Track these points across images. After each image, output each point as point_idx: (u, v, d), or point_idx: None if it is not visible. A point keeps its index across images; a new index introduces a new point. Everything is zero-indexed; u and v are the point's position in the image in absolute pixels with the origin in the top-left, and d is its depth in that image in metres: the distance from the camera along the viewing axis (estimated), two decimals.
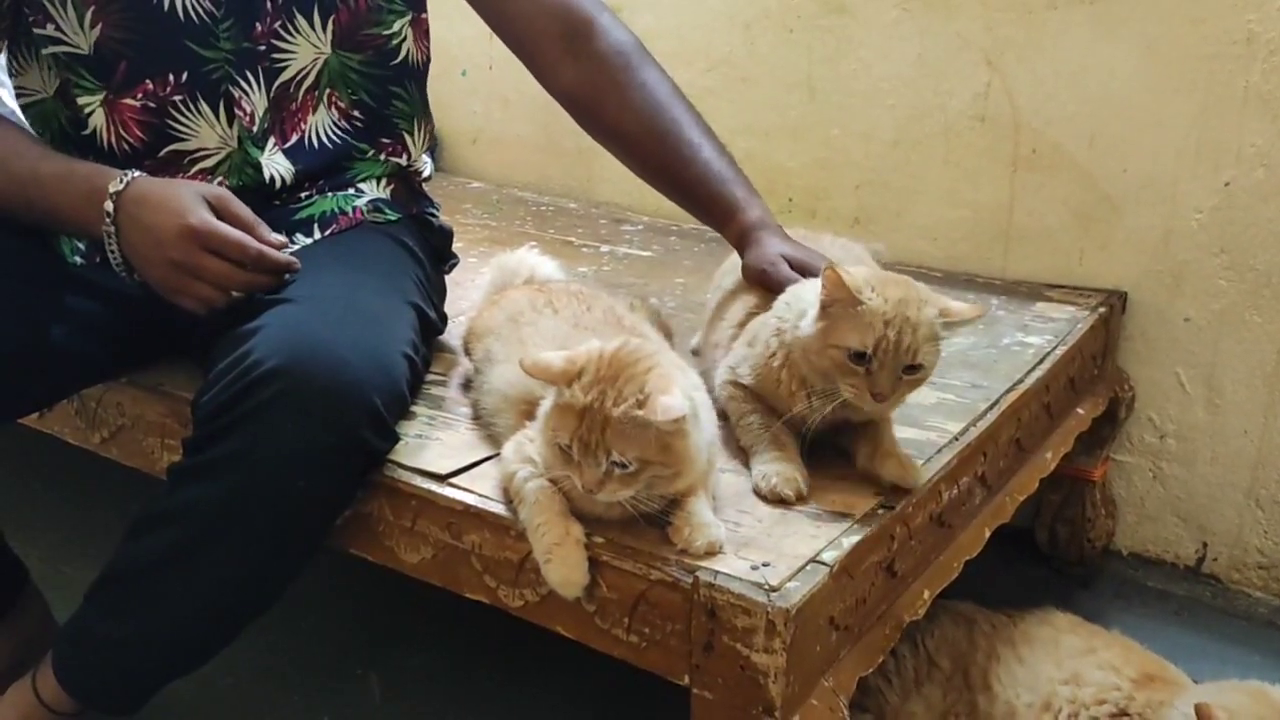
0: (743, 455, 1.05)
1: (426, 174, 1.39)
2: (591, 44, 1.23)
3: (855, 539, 0.92)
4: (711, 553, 0.88)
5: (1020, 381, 1.29)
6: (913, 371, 0.96)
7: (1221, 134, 1.52)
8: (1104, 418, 1.59)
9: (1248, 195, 1.52)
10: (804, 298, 1.03)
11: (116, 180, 1.07)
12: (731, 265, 1.25)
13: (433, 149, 2.20)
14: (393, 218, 1.28)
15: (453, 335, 1.32)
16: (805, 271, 1.11)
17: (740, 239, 1.19)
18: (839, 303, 0.96)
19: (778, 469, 0.99)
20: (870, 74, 1.77)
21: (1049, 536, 1.71)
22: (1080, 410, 1.48)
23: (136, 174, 1.08)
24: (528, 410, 0.99)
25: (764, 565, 0.87)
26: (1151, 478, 1.69)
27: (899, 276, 1.01)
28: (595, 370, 0.89)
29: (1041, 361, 1.36)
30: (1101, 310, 1.55)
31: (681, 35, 1.92)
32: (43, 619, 1.30)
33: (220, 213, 1.06)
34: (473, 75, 2.18)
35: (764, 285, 1.13)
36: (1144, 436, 1.67)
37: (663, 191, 1.27)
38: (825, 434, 1.04)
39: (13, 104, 1.27)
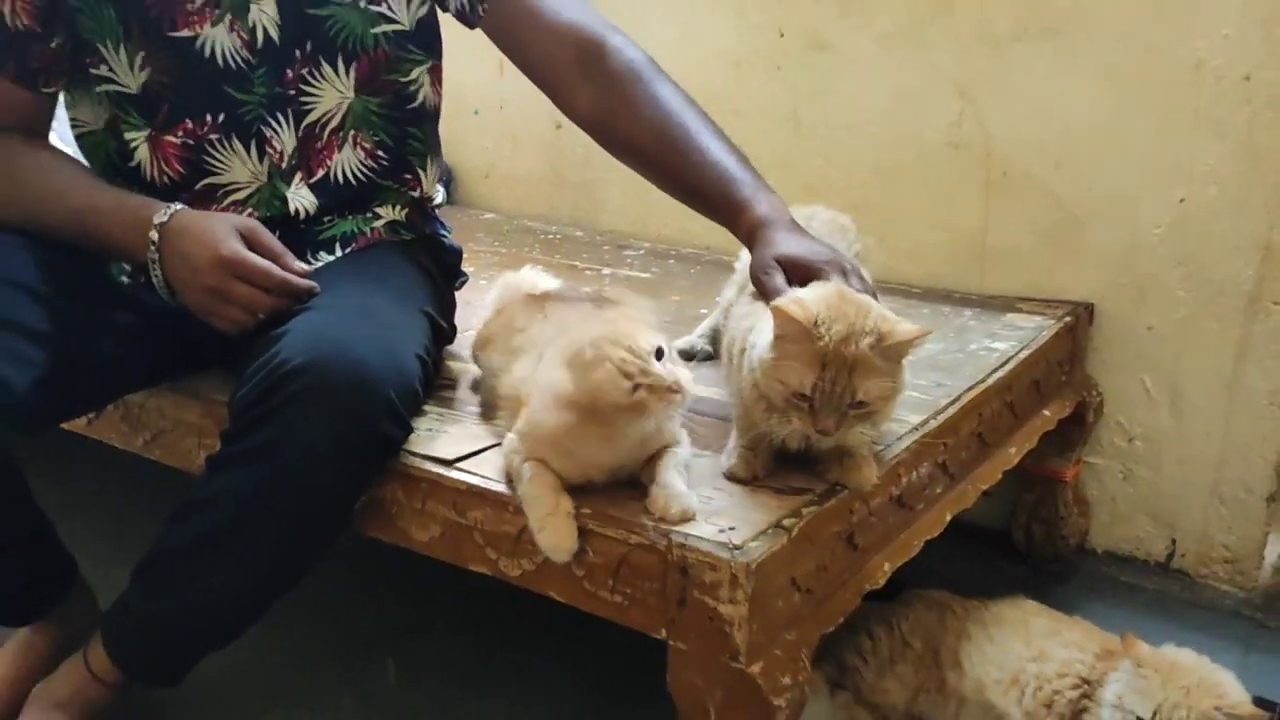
0: None
1: (438, 201, 1.52)
2: (604, 65, 1.29)
3: (814, 510, 1.04)
4: (685, 519, 0.99)
5: (982, 381, 1.40)
6: (859, 407, 1.00)
7: (1176, 155, 1.63)
8: (1073, 421, 1.69)
9: (1202, 211, 1.63)
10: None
11: (161, 212, 1.20)
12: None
13: (446, 182, 2.33)
14: (407, 238, 1.40)
15: (463, 347, 1.44)
16: (802, 273, 1.12)
17: (748, 237, 1.20)
18: (788, 338, 1.00)
19: (739, 454, 1.09)
20: (852, 106, 1.90)
21: (1025, 536, 1.81)
22: (1046, 412, 1.59)
23: (178, 207, 1.21)
24: (519, 406, 1.10)
25: (730, 529, 0.98)
26: (1122, 479, 1.78)
27: (850, 300, 1.02)
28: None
29: (1005, 364, 1.46)
30: (1067, 319, 1.66)
31: (677, 72, 2.01)
32: (90, 609, 1.41)
33: (251, 243, 1.19)
34: (485, 115, 2.32)
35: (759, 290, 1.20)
36: (1113, 440, 1.78)
37: (680, 199, 1.29)
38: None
39: (61, 143, 1.41)
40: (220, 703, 1.45)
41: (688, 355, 1.43)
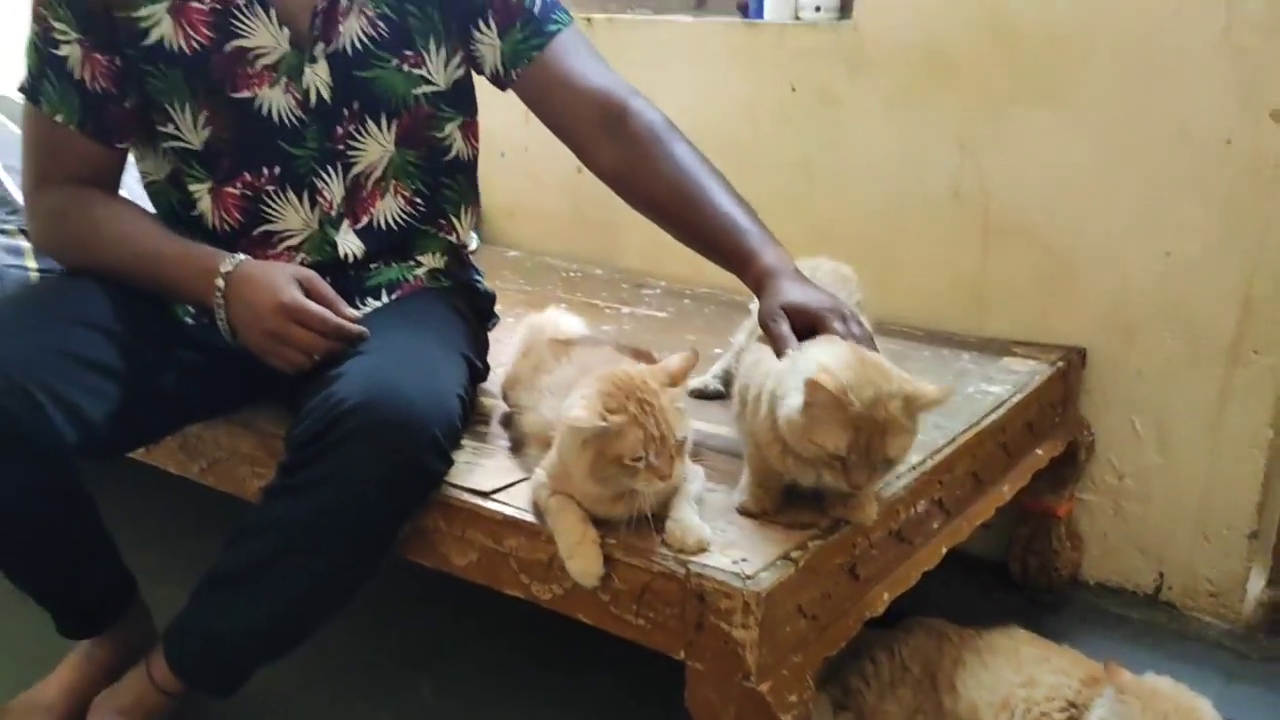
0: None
1: (473, 247, 1.63)
2: (626, 126, 1.39)
3: (819, 543, 1.14)
4: (701, 549, 1.10)
5: (976, 424, 1.50)
6: (887, 464, 1.10)
7: (1162, 211, 1.73)
8: (1066, 459, 1.79)
9: (1186, 265, 1.73)
10: (800, 369, 1.11)
11: (226, 262, 1.31)
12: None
13: (477, 225, 2.44)
14: (446, 284, 1.52)
15: (493, 383, 1.54)
16: (805, 319, 1.21)
17: (756, 285, 1.29)
18: (819, 404, 1.06)
19: (751, 491, 1.20)
20: (859, 157, 2.01)
21: (1021, 567, 1.90)
22: (1039, 451, 1.69)
23: (242, 257, 1.32)
24: (547, 442, 1.22)
25: (743, 560, 1.09)
26: (1113, 514, 1.88)
27: (874, 366, 1.09)
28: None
29: (999, 407, 1.57)
30: (1059, 364, 1.76)
31: (696, 122, 2.12)
32: (146, 625, 1.51)
33: (308, 291, 1.30)
34: (511, 157, 2.44)
35: (767, 337, 1.28)
36: (1105, 477, 1.87)
37: (694, 248, 1.38)
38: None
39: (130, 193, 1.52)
40: (263, 716, 1.55)
41: (701, 394, 1.54)
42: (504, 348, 1.62)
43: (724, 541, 1.13)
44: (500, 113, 1.57)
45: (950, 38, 1.86)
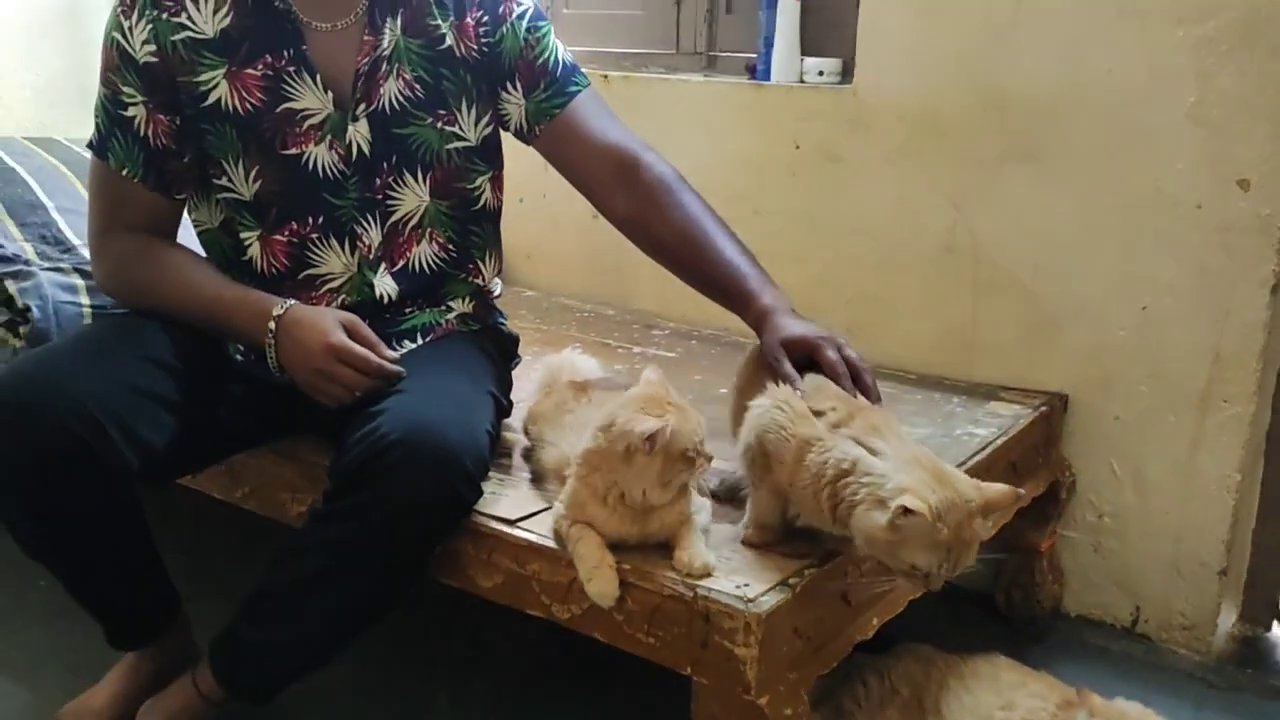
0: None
1: (498, 293, 1.75)
2: (639, 177, 1.52)
3: (814, 571, 1.26)
4: (706, 574, 1.22)
5: (962, 465, 1.62)
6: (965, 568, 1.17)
7: (1139, 268, 1.85)
8: (1048, 498, 1.91)
9: (1161, 318, 1.85)
10: (874, 470, 1.16)
11: (278, 306, 1.43)
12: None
13: (500, 270, 2.57)
14: (474, 328, 1.64)
15: (516, 418, 1.66)
16: (803, 349, 1.34)
17: (756, 323, 1.41)
18: (910, 528, 1.11)
19: (754, 526, 1.32)
20: (859, 211, 2.13)
21: (1006, 599, 2.01)
22: (1022, 490, 1.79)
23: (292, 302, 1.44)
24: (564, 476, 1.34)
25: (745, 585, 1.21)
26: (1093, 551, 1.99)
27: (950, 481, 1.15)
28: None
29: (984, 448, 1.69)
30: (1043, 408, 1.88)
31: (707, 176, 2.24)
32: (187, 639, 1.61)
33: (352, 334, 1.41)
34: (529, 202, 2.55)
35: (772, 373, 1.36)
36: (1085, 516, 1.99)
37: (699, 290, 1.50)
38: None
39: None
40: None
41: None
42: (523, 385, 1.74)
43: (728, 568, 1.25)
44: (520, 161, 1.69)
45: (944, 102, 2.00)
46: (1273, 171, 1.72)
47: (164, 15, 1.43)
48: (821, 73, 2.18)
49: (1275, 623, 1.98)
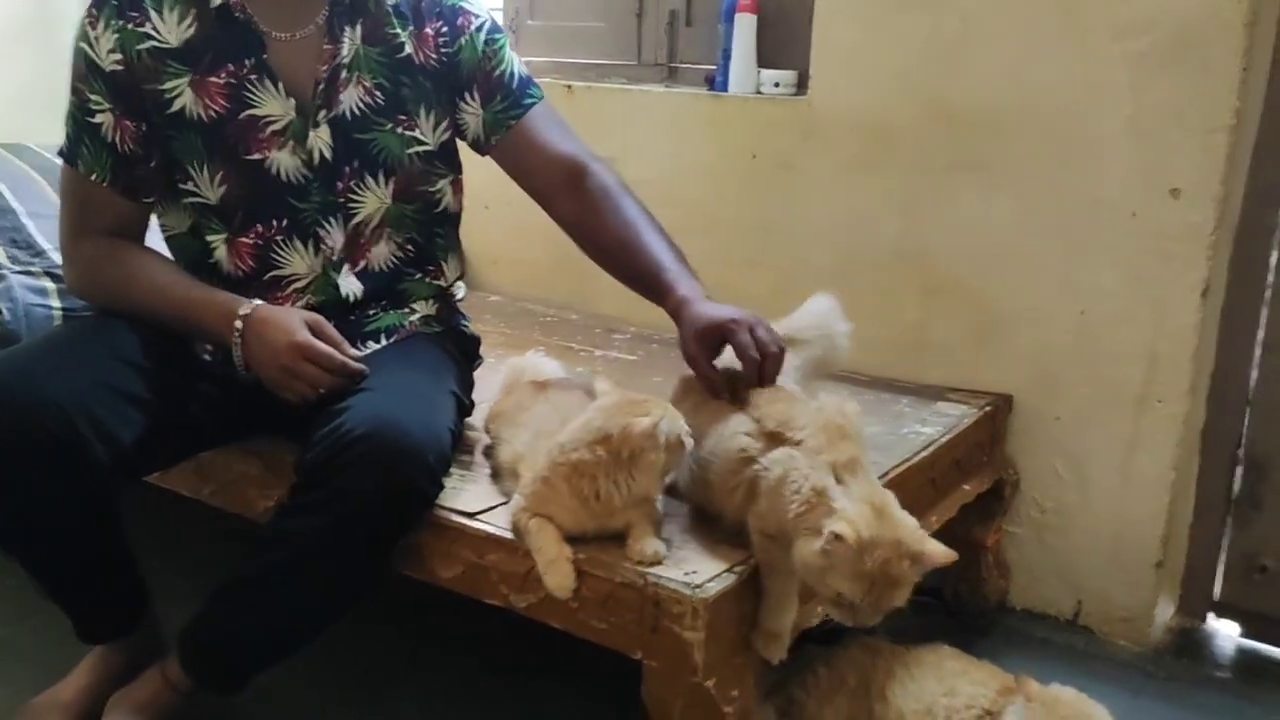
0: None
1: (460, 295, 1.80)
2: (584, 184, 1.58)
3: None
4: (656, 562, 1.28)
5: (907, 460, 1.68)
6: (892, 611, 1.19)
7: (1078, 274, 1.93)
8: (993, 495, 1.98)
9: (1099, 322, 1.93)
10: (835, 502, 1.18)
11: (245, 306, 1.47)
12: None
13: (463, 274, 2.62)
14: (437, 329, 1.69)
15: (477, 417, 1.71)
16: (719, 333, 1.38)
17: (674, 314, 1.46)
18: (837, 553, 1.15)
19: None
20: (813, 218, 2.20)
21: (953, 594, 2.08)
22: (966, 486, 1.87)
23: (258, 302, 1.48)
24: (522, 472, 1.40)
25: (693, 572, 1.27)
26: (1036, 546, 2.07)
27: (891, 522, 1.18)
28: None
29: (928, 447, 1.76)
30: (987, 408, 1.95)
31: (665, 184, 2.34)
32: (157, 633, 1.64)
33: (316, 333, 1.46)
34: (494, 209, 2.58)
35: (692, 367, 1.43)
36: (1029, 512, 2.06)
37: (627, 285, 1.57)
38: None
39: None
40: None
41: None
42: (487, 385, 1.78)
43: (678, 556, 1.31)
44: (486, 168, 1.73)
45: (894, 113, 2.07)
46: (1203, 181, 1.80)
47: (129, 25, 1.48)
48: (778, 84, 2.25)
49: (1210, 615, 2.06)
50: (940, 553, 1.20)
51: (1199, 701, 1.87)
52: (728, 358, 1.42)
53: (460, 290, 1.80)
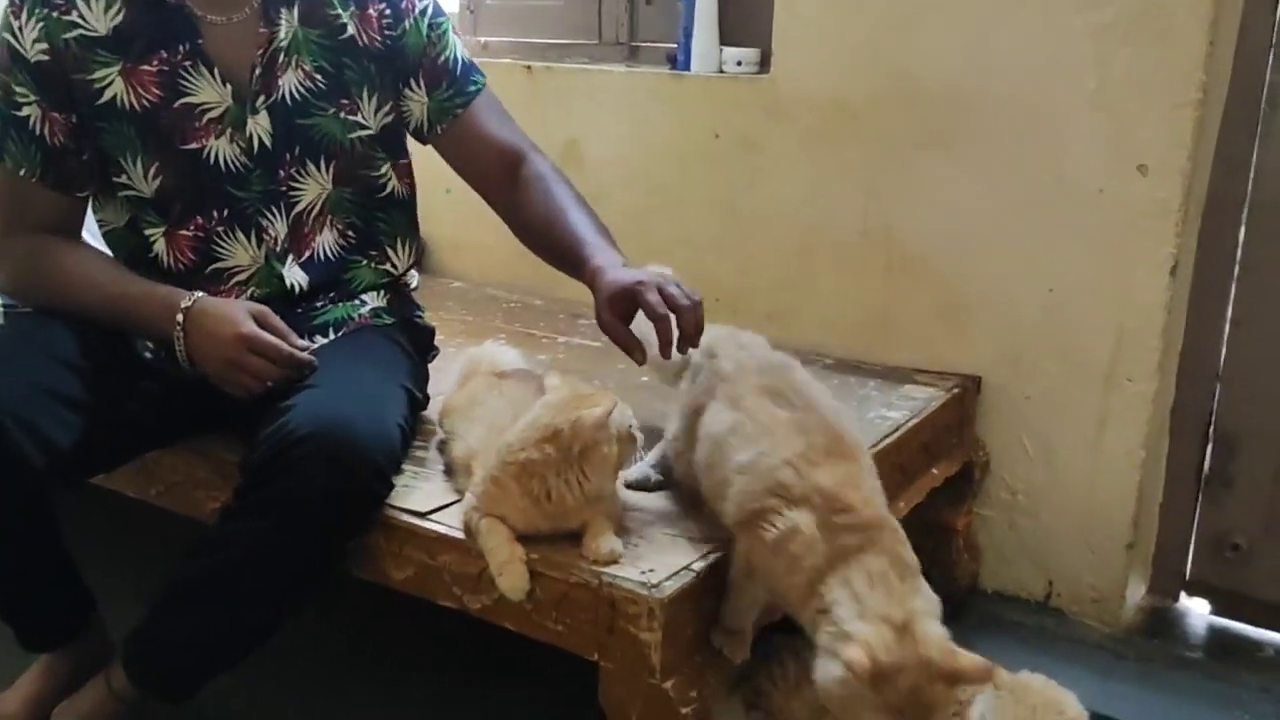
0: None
1: (414, 285, 1.76)
2: (520, 171, 1.59)
3: (718, 555, 1.29)
4: (613, 561, 1.24)
5: (874, 447, 1.65)
6: None
7: (1045, 251, 1.90)
8: (963, 477, 1.96)
9: (1066, 300, 1.90)
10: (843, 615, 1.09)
11: (186, 299, 1.43)
12: None
13: (417, 262, 2.58)
14: (388, 321, 1.65)
15: (433, 411, 1.66)
16: (630, 298, 1.33)
17: (590, 285, 1.42)
18: (855, 690, 1.04)
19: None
20: (777, 198, 2.16)
21: (924, 577, 2.05)
22: (935, 470, 1.85)
23: (200, 294, 1.44)
24: (475, 468, 1.36)
25: (650, 571, 1.23)
26: (1007, 528, 2.05)
27: (919, 642, 1.06)
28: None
29: (895, 431, 1.72)
30: (955, 390, 1.92)
31: (628, 165, 2.32)
32: (103, 639, 1.60)
33: (262, 324, 1.41)
34: (455, 194, 2.53)
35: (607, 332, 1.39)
36: (1000, 494, 2.04)
37: (551, 264, 1.56)
38: None
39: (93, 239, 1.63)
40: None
41: (641, 486, 1.47)
42: (445, 377, 1.74)
43: (634, 555, 1.27)
44: None
45: (856, 90, 2.03)
46: (1169, 156, 1.77)
47: (54, 14, 1.42)
48: (740, 63, 2.20)
49: (1182, 594, 2.05)
50: (976, 670, 1.07)
51: (1171, 682, 1.86)
52: (642, 323, 1.37)
53: (413, 279, 1.75)
